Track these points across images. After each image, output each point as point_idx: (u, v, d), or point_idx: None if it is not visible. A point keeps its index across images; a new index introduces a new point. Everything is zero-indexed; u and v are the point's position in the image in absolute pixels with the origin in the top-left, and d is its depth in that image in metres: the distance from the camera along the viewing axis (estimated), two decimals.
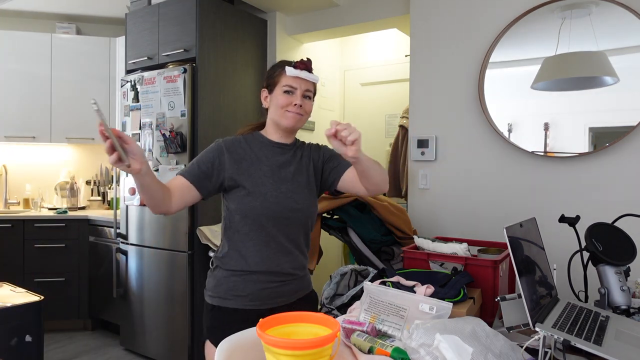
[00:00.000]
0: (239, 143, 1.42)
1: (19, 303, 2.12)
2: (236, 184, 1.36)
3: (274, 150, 1.43)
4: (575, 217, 1.46)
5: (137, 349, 3.06)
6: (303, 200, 1.40)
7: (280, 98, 1.38)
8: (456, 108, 2.47)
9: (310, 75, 1.40)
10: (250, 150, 1.41)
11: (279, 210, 1.36)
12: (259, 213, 1.34)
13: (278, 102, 1.38)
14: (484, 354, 0.94)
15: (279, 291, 1.40)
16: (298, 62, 1.40)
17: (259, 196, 1.35)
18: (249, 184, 1.36)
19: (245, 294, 1.37)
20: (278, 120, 1.40)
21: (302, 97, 1.38)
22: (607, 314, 1.22)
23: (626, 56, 2.00)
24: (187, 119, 2.75)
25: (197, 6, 2.80)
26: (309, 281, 1.52)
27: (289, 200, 1.37)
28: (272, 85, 1.41)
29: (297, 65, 1.39)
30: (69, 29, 3.96)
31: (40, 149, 4.04)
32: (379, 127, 3.93)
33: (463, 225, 2.45)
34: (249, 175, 1.37)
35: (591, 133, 2.09)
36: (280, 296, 1.40)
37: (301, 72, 1.37)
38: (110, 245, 3.32)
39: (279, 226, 1.37)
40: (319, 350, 0.85)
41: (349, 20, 3.11)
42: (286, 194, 1.38)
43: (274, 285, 1.39)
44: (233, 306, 1.37)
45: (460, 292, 1.29)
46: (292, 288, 1.43)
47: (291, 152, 1.46)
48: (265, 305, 1.38)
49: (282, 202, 1.36)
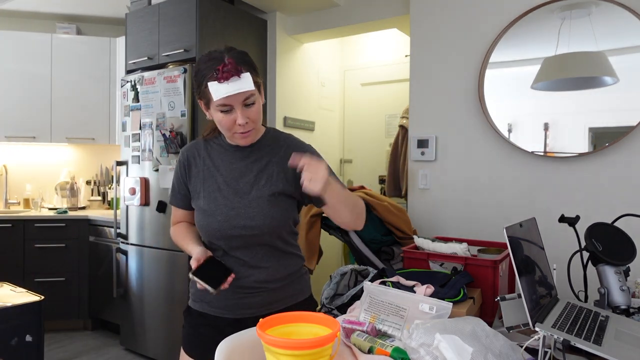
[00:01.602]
0: (199, 151, 1.31)
1: (19, 303, 2.12)
2: (194, 196, 1.29)
3: (234, 155, 1.28)
4: (575, 217, 1.46)
5: (137, 349, 3.06)
6: (261, 215, 1.22)
7: (219, 118, 1.17)
8: (456, 108, 2.47)
9: (241, 85, 1.12)
10: (209, 159, 1.30)
11: (229, 229, 1.22)
12: (208, 232, 1.25)
13: (219, 124, 1.19)
14: (483, 354, 0.94)
15: (246, 302, 1.27)
16: (219, 71, 1.11)
17: (209, 215, 1.24)
18: (202, 199, 1.26)
19: (207, 300, 1.30)
20: (230, 140, 1.27)
21: (243, 109, 1.16)
22: (607, 313, 1.22)
23: (626, 56, 2.00)
24: (187, 119, 2.75)
25: (197, 6, 2.80)
26: (299, 290, 1.35)
27: (240, 217, 1.22)
28: (204, 99, 1.19)
29: (220, 76, 1.11)
30: (69, 29, 3.96)
31: (40, 149, 4.04)
32: (379, 127, 3.93)
33: (463, 225, 2.45)
34: (204, 189, 1.27)
35: (591, 133, 2.09)
36: (248, 307, 1.27)
37: (228, 87, 1.11)
38: (111, 245, 3.32)
39: (232, 244, 1.25)
40: (319, 350, 0.85)
41: (349, 20, 3.11)
42: (239, 210, 1.22)
43: (238, 297, 1.27)
44: (199, 309, 1.31)
45: (460, 292, 1.29)
46: (264, 299, 1.28)
47: (254, 155, 1.28)
48: (231, 314, 1.28)
49: (232, 220, 1.22)
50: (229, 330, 1.22)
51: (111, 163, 4.13)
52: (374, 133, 3.95)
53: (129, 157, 3.07)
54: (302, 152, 1.22)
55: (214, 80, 1.12)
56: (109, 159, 4.17)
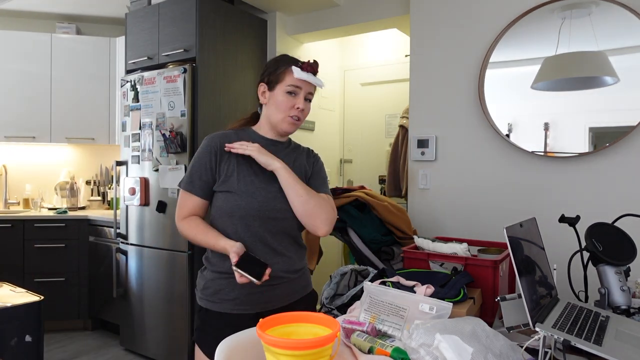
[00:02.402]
0: (229, 139, 1.36)
1: (19, 303, 2.12)
2: (225, 182, 1.32)
3: (266, 148, 1.37)
4: (575, 217, 1.46)
5: (137, 349, 3.06)
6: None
7: (281, 99, 1.33)
8: (456, 108, 2.46)
9: (316, 80, 1.35)
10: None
11: (267, 210, 1.30)
12: (245, 213, 1.29)
13: (279, 104, 1.33)
14: (484, 354, 0.94)
15: (269, 295, 1.33)
16: (305, 63, 1.34)
17: (247, 195, 1.29)
18: (237, 182, 1.31)
19: (232, 297, 1.31)
20: (276, 123, 1.36)
21: (304, 100, 1.34)
22: (607, 314, 1.22)
23: (626, 56, 2.00)
24: (187, 119, 2.75)
25: (197, 6, 2.80)
26: (306, 282, 1.45)
27: (277, 200, 1.31)
28: (273, 82, 1.35)
29: (305, 67, 1.33)
30: (69, 29, 3.96)
31: (40, 149, 4.04)
32: (379, 127, 3.93)
33: (463, 225, 2.45)
34: (238, 173, 1.32)
35: (591, 133, 2.09)
36: (269, 300, 1.34)
37: (308, 76, 1.33)
38: (110, 245, 3.32)
39: (266, 227, 1.31)
40: (319, 350, 0.85)
41: (349, 20, 3.11)
42: (275, 194, 1.32)
43: (261, 290, 1.31)
44: (219, 310, 1.32)
45: (460, 292, 1.29)
46: (283, 292, 1.35)
47: (284, 151, 1.41)
48: (254, 309, 1.32)
49: (270, 202, 1.31)
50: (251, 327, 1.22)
51: (111, 163, 4.12)
52: (374, 133, 3.95)
53: (128, 157, 3.07)
54: (315, 157, 1.48)
55: (298, 67, 1.33)
56: (108, 159, 4.16)
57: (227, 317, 1.31)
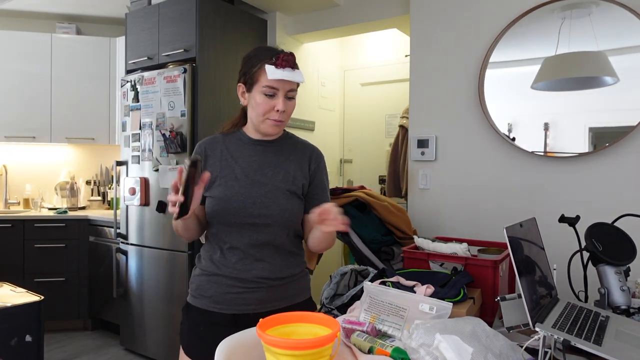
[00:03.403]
0: (217, 143, 1.34)
1: (19, 303, 2.12)
2: (209, 187, 1.29)
3: (254, 149, 1.32)
4: (575, 217, 1.46)
5: (137, 349, 3.06)
6: (276, 205, 1.27)
7: (259, 101, 1.24)
8: (456, 108, 2.46)
9: (294, 76, 1.23)
10: (227, 151, 1.33)
11: (243, 217, 1.26)
12: (222, 219, 1.27)
13: (257, 107, 1.25)
14: (484, 354, 0.94)
15: (245, 298, 1.28)
16: (279, 58, 1.22)
17: (225, 201, 1.26)
18: (218, 187, 1.28)
19: (209, 295, 1.30)
20: (257, 126, 1.30)
21: (285, 99, 1.24)
22: (607, 314, 1.22)
23: (626, 56, 2.00)
24: (187, 119, 2.75)
25: (197, 6, 2.80)
26: (297, 291, 1.37)
27: (256, 206, 1.26)
28: (249, 83, 1.27)
29: (279, 63, 1.21)
30: (69, 29, 3.96)
31: (40, 149, 4.04)
32: (379, 127, 3.93)
33: (463, 225, 2.45)
34: (220, 177, 1.29)
35: (591, 133, 2.09)
36: (246, 303, 1.28)
37: (284, 73, 1.21)
38: (110, 245, 3.32)
39: (244, 232, 1.27)
40: (319, 350, 0.85)
41: (349, 20, 3.11)
42: (255, 199, 1.26)
43: (237, 291, 1.28)
44: (198, 305, 1.31)
45: (460, 292, 1.29)
46: (262, 296, 1.29)
47: (273, 149, 1.34)
48: (230, 310, 1.28)
49: (248, 208, 1.26)
50: (229, 330, 1.22)
51: (111, 163, 4.12)
52: (374, 133, 3.95)
53: (128, 157, 3.07)
54: (318, 157, 1.38)
55: (272, 65, 1.22)
56: (108, 159, 4.17)
57: (205, 314, 1.31)
